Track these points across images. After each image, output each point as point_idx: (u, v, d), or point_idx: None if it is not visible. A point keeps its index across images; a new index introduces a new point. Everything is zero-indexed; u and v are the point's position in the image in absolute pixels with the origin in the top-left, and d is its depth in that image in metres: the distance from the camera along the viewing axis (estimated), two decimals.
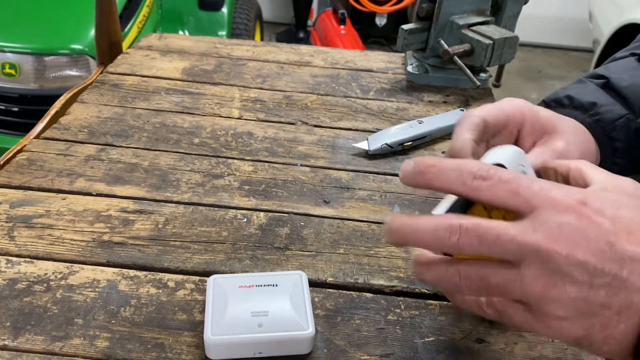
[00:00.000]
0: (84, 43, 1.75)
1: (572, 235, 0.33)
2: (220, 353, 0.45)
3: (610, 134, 0.53)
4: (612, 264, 0.33)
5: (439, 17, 0.87)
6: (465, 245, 0.34)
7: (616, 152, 0.54)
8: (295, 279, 0.50)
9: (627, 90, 0.55)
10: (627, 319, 0.33)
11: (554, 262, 0.33)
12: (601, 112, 0.53)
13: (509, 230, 0.34)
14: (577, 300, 0.33)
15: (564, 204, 0.34)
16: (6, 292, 0.50)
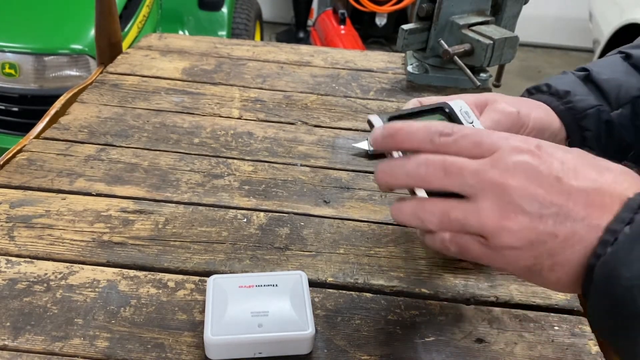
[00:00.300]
0: (83, 43, 1.75)
1: (525, 172, 0.36)
2: (220, 353, 0.45)
3: (580, 122, 0.56)
4: (559, 196, 0.36)
5: (439, 17, 0.87)
6: (432, 176, 0.38)
7: (585, 141, 0.57)
8: (295, 279, 0.50)
9: (605, 84, 0.58)
10: (571, 246, 0.36)
11: (508, 194, 0.36)
12: (574, 101, 0.56)
13: (471, 164, 0.37)
14: (528, 229, 0.36)
15: (521, 147, 0.37)
16: (6, 292, 0.50)
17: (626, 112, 0.57)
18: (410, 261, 0.56)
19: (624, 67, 0.59)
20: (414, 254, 0.57)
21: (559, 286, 0.38)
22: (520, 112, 0.53)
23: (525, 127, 0.54)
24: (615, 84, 0.57)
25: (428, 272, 0.55)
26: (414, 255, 0.57)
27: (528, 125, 0.54)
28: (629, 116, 0.57)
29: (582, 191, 0.36)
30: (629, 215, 0.34)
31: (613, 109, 0.57)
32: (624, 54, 0.60)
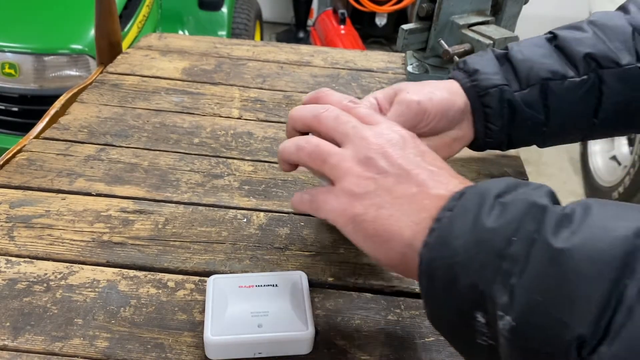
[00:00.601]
0: (83, 43, 1.75)
1: (391, 140, 0.43)
2: (220, 353, 0.45)
3: (482, 100, 0.59)
4: (409, 163, 0.42)
5: (439, 17, 0.87)
6: (320, 114, 0.46)
7: (488, 117, 0.60)
8: (295, 279, 0.50)
9: (519, 64, 0.60)
10: (400, 205, 0.41)
11: (368, 147, 0.42)
12: (479, 79, 0.59)
13: (353, 118, 0.45)
14: (369, 179, 0.42)
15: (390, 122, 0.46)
16: (6, 292, 0.50)
17: (534, 92, 0.59)
18: None
19: (544, 49, 0.61)
20: None
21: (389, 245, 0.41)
22: (421, 102, 0.56)
23: (427, 113, 0.57)
24: (528, 65, 0.60)
25: None
26: None
27: (431, 112, 0.57)
28: (537, 96, 0.59)
29: (426, 167, 0.42)
30: (452, 203, 0.38)
31: (522, 89, 0.59)
32: (552, 35, 0.62)
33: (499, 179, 0.39)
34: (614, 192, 2.23)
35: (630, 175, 2.14)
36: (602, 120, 0.61)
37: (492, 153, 0.75)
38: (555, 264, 0.33)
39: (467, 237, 0.36)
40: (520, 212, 0.35)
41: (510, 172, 0.72)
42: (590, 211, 0.34)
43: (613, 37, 0.60)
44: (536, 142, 0.64)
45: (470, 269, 0.35)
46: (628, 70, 0.59)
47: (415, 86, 0.58)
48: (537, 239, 0.34)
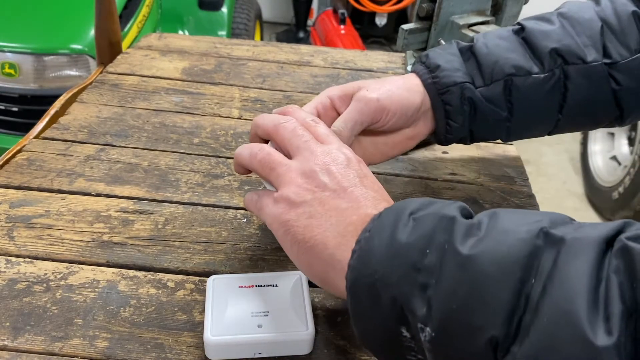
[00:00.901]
0: (83, 43, 1.74)
1: (336, 159, 0.45)
2: (220, 353, 0.45)
3: (442, 97, 0.59)
4: (347, 182, 0.44)
5: (439, 17, 0.87)
6: (284, 129, 0.48)
7: (448, 114, 0.59)
8: (295, 279, 0.50)
9: (483, 58, 0.59)
10: (330, 217, 0.42)
11: (314, 162, 0.45)
12: (440, 76, 0.59)
13: (307, 135, 0.47)
14: (307, 190, 0.44)
15: None
16: (6, 292, 0.50)
17: (497, 88, 0.59)
18: None
19: (510, 42, 0.60)
20: None
21: (315, 253, 0.42)
22: (380, 99, 0.56)
23: (387, 111, 0.57)
24: (492, 59, 0.59)
25: None
26: None
27: (390, 110, 0.57)
28: (500, 92, 0.59)
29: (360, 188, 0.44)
30: (370, 225, 0.40)
31: (486, 84, 0.59)
32: (519, 27, 0.61)
33: (416, 198, 0.41)
34: (614, 192, 2.23)
35: (630, 175, 2.14)
36: (567, 116, 0.60)
37: (492, 153, 0.75)
38: (464, 270, 0.34)
39: (384, 253, 0.37)
40: (431, 225, 0.37)
41: (511, 172, 0.72)
42: (496, 218, 0.36)
43: (581, 31, 0.59)
44: (500, 137, 0.63)
45: (390, 284, 0.37)
46: (593, 67, 0.58)
47: (375, 83, 0.58)
48: (448, 248, 0.35)
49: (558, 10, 0.62)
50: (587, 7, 0.61)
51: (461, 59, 0.60)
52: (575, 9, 0.61)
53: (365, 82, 0.59)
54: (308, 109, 0.57)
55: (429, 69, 0.60)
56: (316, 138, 0.48)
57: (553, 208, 2.34)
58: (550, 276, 0.32)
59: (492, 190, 0.68)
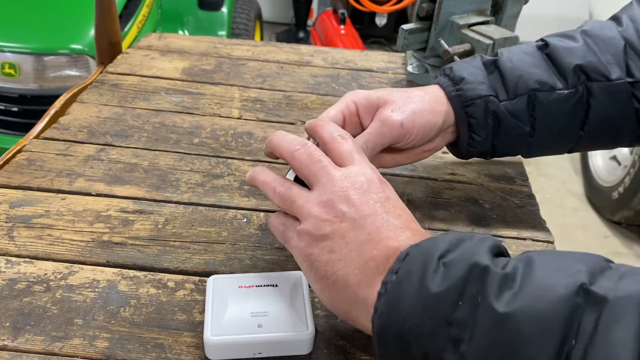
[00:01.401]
0: (83, 43, 1.74)
1: (355, 183, 0.44)
2: (220, 353, 0.45)
3: (466, 110, 0.59)
4: (367, 209, 0.43)
5: (439, 17, 0.87)
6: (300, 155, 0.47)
7: (472, 127, 0.59)
8: (295, 279, 0.50)
9: (507, 72, 0.59)
10: (350, 251, 0.42)
11: (331, 190, 0.43)
12: (464, 89, 0.59)
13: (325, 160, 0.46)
14: (328, 222, 0.43)
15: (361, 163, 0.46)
16: (6, 292, 0.50)
17: (521, 103, 0.59)
18: None
19: (534, 58, 0.60)
20: None
21: (338, 288, 0.42)
22: (404, 124, 0.56)
23: (409, 134, 0.57)
24: (517, 74, 0.59)
25: None
26: None
27: (412, 133, 0.57)
28: (524, 107, 0.59)
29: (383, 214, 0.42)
30: (397, 265, 0.38)
31: (510, 98, 0.59)
32: (543, 43, 0.61)
33: (444, 236, 0.39)
34: (614, 192, 2.23)
35: (630, 175, 2.14)
36: (589, 134, 0.60)
37: None
38: (501, 329, 0.33)
39: (414, 303, 0.36)
40: (462, 275, 0.36)
41: (511, 172, 0.72)
42: (532, 267, 0.35)
43: (604, 49, 0.59)
44: (521, 153, 0.63)
45: (421, 337, 0.36)
46: (617, 85, 0.57)
47: (401, 99, 0.58)
48: (481, 302, 0.34)
49: (581, 28, 0.61)
50: (609, 26, 0.61)
51: (485, 72, 0.60)
52: (598, 27, 0.60)
53: (391, 95, 0.58)
54: (334, 111, 0.57)
55: (453, 81, 0.59)
56: (340, 156, 0.46)
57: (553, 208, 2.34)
58: (592, 340, 0.31)
59: (492, 190, 0.68)
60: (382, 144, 0.57)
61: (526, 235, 0.61)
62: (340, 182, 0.44)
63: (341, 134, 0.49)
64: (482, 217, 0.63)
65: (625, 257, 2.16)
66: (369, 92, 0.58)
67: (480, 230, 0.61)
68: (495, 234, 0.61)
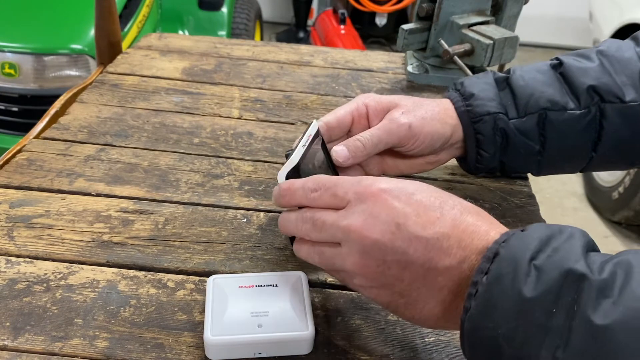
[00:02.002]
0: (83, 43, 1.74)
1: (368, 220, 0.41)
2: (220, 353, 0.45)
3: (475, 126, 0.59)
4: (400, 242, 0.40)
5: (439, 17, 0.87)
6: (308, 230, 0.45)
7: (480, 143, 0.59)
8: (295, 279, 0.50)
9: (519, 90, 0.59)
10: (417, 289, 0.40)
11: (357, 241, 0.41)
12: (473, 105, 0.59)
13: (331, 217, 0.43)
14: (376, 273, 0.41)
15: (367, 193, 0.42)
16: (6, 292, 0.50)
17: (531, 121, 0.58)
18: None
19: (546, 76, 0.60)
20: None
21: (421, 320, 0.42)
22: (412, 126, 0.56)
23: (415, 139, 0.57)
24: (528, 92, 0.59)
25: None
26: None
27: (418, 138, 0.57)
28: (534, 125, 0.58)
29: (422, 238, 0.39)
30: (486, 265, 0.37)
31: (520, 116, 0.58)
32: (558, 62, 0.61)
33: (531, 232, 0.37)
34: (614, 192, 2.23)
35: (630, 175, 2.13)
36: (601, 155, 0.59)
37: None
38: (598, 341, 0.32)
39: (508, 307, 0.35)
40: (556, 281, 0.34)
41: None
42: (631, 275, 0.33)
43: (620, 70, 0.58)
44: (531, 171, 0.63)
45: (514, 342, 0.35)
46: (631, 107, 0.57)
47: (412, 105, 0.58)
48: (577, 312, 0.33)
49: (597, 48, 0.61)
50: (627, 46, 0.60)
51: (496, 89, 0.60)
52: (615, 47, 0.60)
53: (403, 100, 0.58)
54: (343, 112, 0.57)
55: (464, 97, 0.59)
56: (333, 205, 0.44)
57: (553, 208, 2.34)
58: None
59: (492, 190, 0.68)
60: (386, 142, 0.56)
61: None
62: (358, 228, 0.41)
63: (313, 188, 0.45)
64: None
65: None
66: (380, 96, 0.59)
67: None
68: None
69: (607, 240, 2.24)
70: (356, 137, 0.56)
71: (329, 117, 0.58)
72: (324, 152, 0.57)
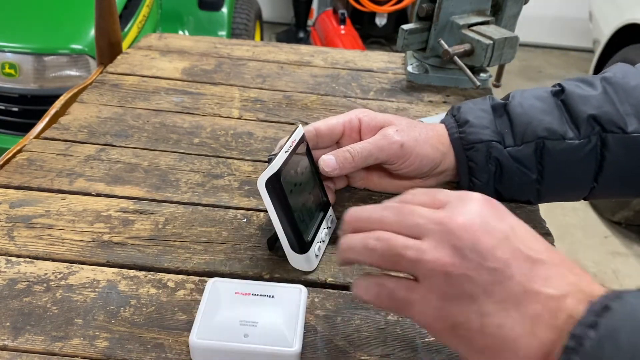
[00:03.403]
0: (83, 43, 1.75)
1: (475, 218, 0.36)
2: (204, 357, 0.45)
3: (467, 153, 0.58)
4: (503, 252, 0.35)
5: (439, 17, 0.87)
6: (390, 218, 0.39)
7: (472, 171, 0.58)
8: (294, 293, 0.48)
9: (516, 118, 0.58)
10: (506, 311, 0.34)
11: (452, 233, 0.35)
12: (467, 132, 0.58)
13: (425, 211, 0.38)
14: (462, 276, 0.35)
15: None
16: (6, 292, 0.50)
17: (528, 149, 0.57)
18: None
19: (546, 104, 0.58)
20: None
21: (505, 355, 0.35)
22: (404, 145, 0.56)
23: (404, 159, 0.56)
24: (525, 119, 0.57)
25: None
26: None
27: (408, 159, 0.56)
28: (531, 154, 0.57)
29: (530, 257, 0.35)
30: (592, 319, 0.32)
31: (516, 144, 0.57)
32: (559, 89, 0.59)
33: None
34: None
35: None
36: (603, 185, 0.57)
37: None
38: None
39: None
40: None
41: None
42: None
43: (624, 99, 0.55)
44: (530, 199, 0.61)
45: None
46: (634, 138, 0.55)
47: (406, 125, 0.58)
48: None
49: (603, 74, 0.59)
50: (634, 73, 0.58)
51: (492, 115, 0.59)
52: (621, 74, 0.58)
53: (397, 119, 0.58)
54: (335, 121, 0.57)
55: (458, 123, 0.59)
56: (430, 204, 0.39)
57: (553, 208, 2.34)
58: None
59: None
60: (376, 157, 0.56)
61: None
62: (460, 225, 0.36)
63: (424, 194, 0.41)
64: None
65: (625, 257, 2.16)
66: (376, 113, 0.59)
67: None
68: None
69: (607, 240, 2.24)
70: (346, 148, 0.56)
71: (320, 123, 0.58)
72: (308, 159, 0.57)
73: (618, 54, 2.31)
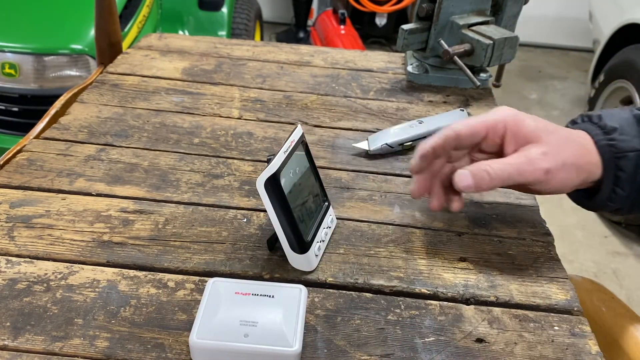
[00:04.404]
0: (83, 43, 1.75)
1: None
2: (203, 357, 0.45)
3: (618, 162, 0.55)
4: None
5: (439, 17, 0.87)
6: None
7: (618, 181, 0.55)
8: (294, 294, 0.48)
9: None
10: None
11: None
12: (617, 139, 0.55)
13: None
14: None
15: None
16: (6, 292, 0.50)
17: None
18: (410, 261, 0.56)
19: None
20: (413, 254, 0.57)
21: None
22: (550, 172, 0.53)
23: (547, 184, 0.54)
24: None
25: (428, 272, 0.55)
26: (413, 255, 0.57)
27: (550, 184, 0.54)
28: None
29: None
30: None
31: None
32: None
33: None
34: None
35: None
36: None
37: None
38: None
39: None
40: None
41: None
42: None
43: None
44: None
45: None
46: None
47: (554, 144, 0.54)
48: None
49: None
50: None
51: (637, 126, 0.56)
52: None
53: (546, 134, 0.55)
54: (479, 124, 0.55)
55: (604, 130, 0.56)
56: None
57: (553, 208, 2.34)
58: None
59: (492, 191, 0.68)
60: (515, 180, 0.53)
61: (526, 235, 0.61)
62: None
63: None
64: (482, 217, 0.63)
65: (625, 257, 2.16)
66: (523, 119, 0.55)
67: (481, 230, 0.61)
68: (495, 234, 0.61)
69: (607, 240, 2.24)
70: (484, 167, 0.53)
71: (461, 126, 0.55)
72: (307, 158, 0.57)
73: (618, 54, 2.31)
